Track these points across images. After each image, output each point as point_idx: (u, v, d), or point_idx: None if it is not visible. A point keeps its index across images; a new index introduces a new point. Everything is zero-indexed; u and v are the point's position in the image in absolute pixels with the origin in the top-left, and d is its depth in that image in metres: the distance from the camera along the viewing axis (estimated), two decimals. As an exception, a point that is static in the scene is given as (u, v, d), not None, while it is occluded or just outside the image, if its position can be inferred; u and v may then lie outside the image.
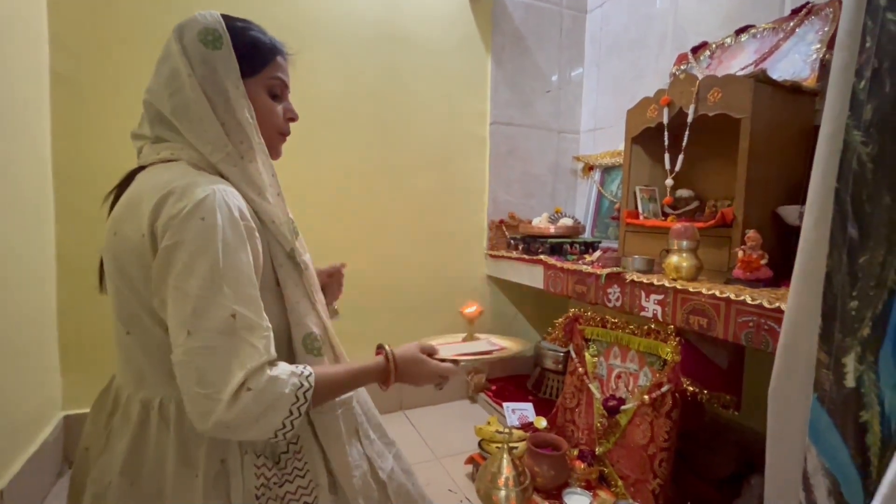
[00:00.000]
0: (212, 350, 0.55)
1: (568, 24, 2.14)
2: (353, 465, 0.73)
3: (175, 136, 0.66)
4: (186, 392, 0.56)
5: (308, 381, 0.61)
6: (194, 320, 0.55)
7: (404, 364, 0.74)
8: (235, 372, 0.56)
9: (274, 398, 0.58)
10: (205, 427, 0.56)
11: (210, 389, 0.55)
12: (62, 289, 1.43)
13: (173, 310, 0.57)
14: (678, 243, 1.12)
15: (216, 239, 0.57)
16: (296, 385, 0.60)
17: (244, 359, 0.57)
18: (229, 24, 0.67)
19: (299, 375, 0.61)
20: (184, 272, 0.56)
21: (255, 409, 0.56)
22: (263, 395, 0.57)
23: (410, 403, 1.97)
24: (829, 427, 0.58)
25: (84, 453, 0.69)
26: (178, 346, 0.56)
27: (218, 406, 0.54)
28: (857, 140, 0.53)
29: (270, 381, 0.58)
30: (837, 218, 0.56)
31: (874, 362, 0.52)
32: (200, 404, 0.55)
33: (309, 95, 1.68)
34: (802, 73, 1.20)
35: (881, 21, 0.49)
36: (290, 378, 0.60)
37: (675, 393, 1.13)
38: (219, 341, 0.56)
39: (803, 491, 0.63)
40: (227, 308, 0.57)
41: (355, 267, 1.78)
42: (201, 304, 0.56)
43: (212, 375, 0.55)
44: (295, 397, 0.59)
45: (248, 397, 0.56)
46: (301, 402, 0.60)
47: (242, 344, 0.57)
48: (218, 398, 0.54)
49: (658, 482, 1.13)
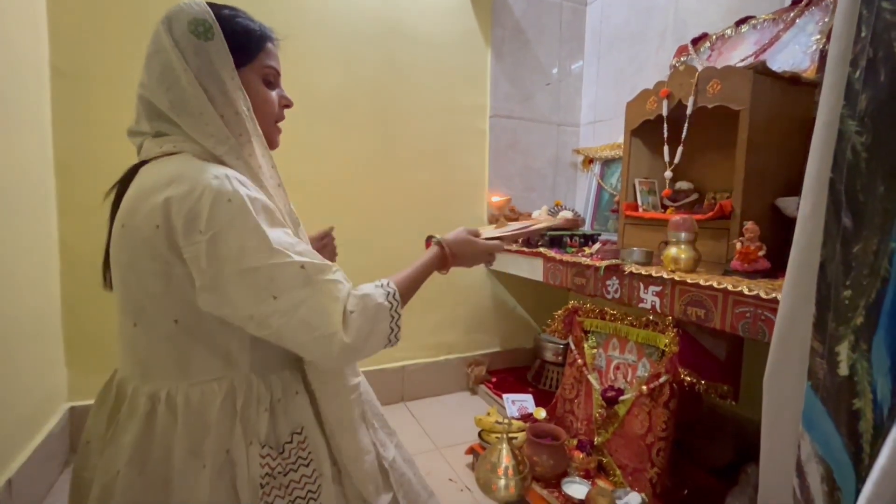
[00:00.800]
0: (304, 301, 0.60)
1: (568, 17, 2.12)
2: (364, 450, 0.74)
3: (176, 130, 0.65)
4: (303, 345, 0.61)
5: (390, 286, 0.69)
6: (274, 286, 0.59)
7: (457, 246, 0.82)
8: (332, 307, 0.62)
9: (375, 309, 0.65)
10: (332, 360, 0.62)
11: (318, 331, 0.60)
12: (66, 281, 1.44)
13: (247, 291, 0.59)
14: (677, 235, 1.12)
15: (250, 213, 0.59)
16: (384, 293, 0.67)
17: (333, 293, 0.63)
18: (217, 12, 0.65)
19: (382, 286, 0.68)
20: (240, 256, 0.58)
21: (366, 325, 0.63)
22: (366, 310, 0.64)
23: (411, 395, 1.99)
24: (823, 414, 0.59)
25: (85, 447, 0.69)
26: (272, 315, 0.59)
27: (335, 338, 0.61)
28: (851, 130, 0.53)
29: (364, 297, 0.65)
30: (832, 208, 0.57)
31: (867, 350, 0.52)
32: (320, 346, 0.61)
33: (309, 88, 1.68)
34: (802, 65, 1.19)
35: (876, 10, 0.49)
36: (376, 290, 0.67)
37: (673, 383, 1.14)
38: (305, 292, 0.61)
39: (797, 477, 0.64)
40: (293, 264, 0.61)
41: (355, 260, 1.79)
42: (272, 271, 0.59)
43: (314, 319, 0.60)
44: (389, 302, 0.67)
45: (355, 318, 0.63)
46: (395, 305, 0.67)
47: (323, 284, 0.62)
48: (331, 332, 0.60)
49: (656, 471, 1.14)
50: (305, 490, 0.69)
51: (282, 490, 0.67)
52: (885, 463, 0.46)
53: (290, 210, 0.73)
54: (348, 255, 1.74)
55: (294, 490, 0.68)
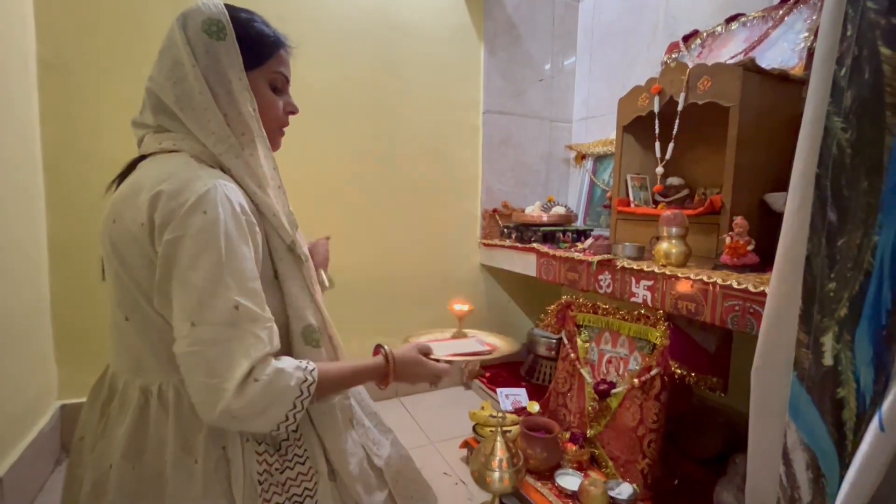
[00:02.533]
0: (217, 341, 0.56)
1: (560, 13, 2.13)
2: (349, 452, 0.74)
3: (178, 126, 0.66)
4: (192, 383, 0.57)
5: (312, 375, 0.63)
6: (199, 312, 0.56)
7: (402, 365, 0.77)
8: (241, 362, 0.56)
9: (280, 390, 0.59)
10: (211, 417, 0.56)
11: (216, 379, 0.55)
12: (55, 278, 1.43)
13: (178, 302, 0.57)
14: (668, 230, 1.14)
15: (219, 232, 0.58)
16: (300, 378, 0.61)
17: (249, 349, 0.57)
18: (233, 14, 0.66)
19: (304, 370, 0.62)
20: (188, 265, 0.57)
21: (261, 401, 0.57)
22: (270, 386, 0.58)
23: (406, 390, 1.99)
24: (808, 404, 0.61)
25: (79, 443, 0.69)
26: (182, 338, 0.56)
27: (225, 395, 0.55)
28: (837, 126, 0.54)
29: (277, 372, 0.59)
30: (818, 203, 0.58)
31: (850, 341, 0.54)
32: (207, 394, 0.56)
33: (302, 85, 1.65)
34: (790, 62, 1.21)
35: (861, 9, 0.50)
36: (295, 371, 0.61)
37: (664, 376, 1.16)
38: (223, 333, 0.56)
39: (783, 465, 0.66)
40: (230, 300, 0.57)
41: (349, 257, 1.80)
42: (206, 297, 0.56)
43: (218, 366, 0.56)
44: (299, 391, 0.60)
45: (256, 388, 0.56)
46: (305, 396, 0.61)
47: (246, 335, 0.58)
48: (224, 387, 0.55)
49: (647, 462, 1.17)
50: (302, 487, 0.69)
51: (279, 487, 0.67)
52: (867, 450, 0.47)
53: (289, 212, 0.73)
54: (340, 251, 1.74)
55: (291, 487, 0.68)
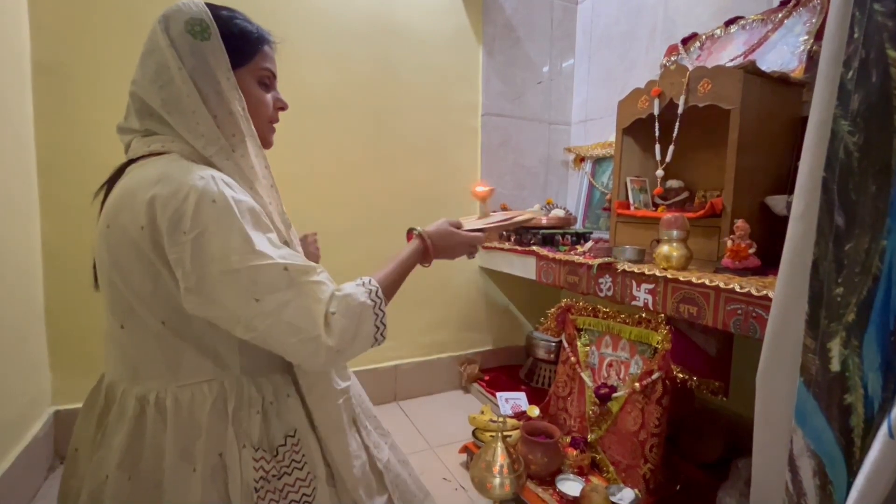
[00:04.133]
0: (286, 303, 0.59)
1: (559, 15, 2.13)
2: (353, 454, 0.73)
3: (166, 130, 0.65)
4: (286, 348, 0.60)
5: (372, 283, 0.68)
6: (256, 288, 0.58)
7: (438, 239, 0.81)
8: (315, 308, 0.61)
9: (358, 308, 0.64)
10: (319, 364, 0.61)
11: (304, 334, 0.59)
12: (49, 283, 1.41)
13: (230, 292, 0.58)
14: (668, 233, 1.13)
15: (235, 214, 0.59)
16: (366, 291, 0.66)
17: (316, 295, 0.62)
18: (214, 13, 0.65)
19: (364, 283, 0.67)
20: (223, 256, 0.57)
21: (350, 325, 0.62)
22: (349, 310, 0.63)
23: (404, 394, 1.98)
24: (815, 410, 0.60)
25: (74, 454, 0.68)
26: (255, 317, 0.58)
27: (320, 340, 0.60)
28: (844, 129, 0.54)
29: (346, 297, 0.64)
30: (825, 206, 0.58)
31: (858, 347, 0.53)
32: (304, 349, 0.60)
33: (301, 87, 1.66)
34: (790, 65, 1.21)
35: (868, 12, 0.50)
36: (358, 288, 0.66)
37: (666, 380, 1.16)
38: (288, 294, 0.60)
39: (789, 472, 0.65)
40: (276, 266, 0.60)
41: (346, 258, 1.78)
42: (254, 273, 0.58)
43: (299, 321, 0.59)
44: (372, 301, 0.65)
45: (339, 319, 0.61)
46: (379, 302, 0.66)
47: (307, 286, 0.61)
48: (315, 334, 0.60)
49: (649, 467, 1.16)
50: (300, 493, 0.68)
51: (276, 494, 0.66)
52: (876, 457, 0.47)
53: (282, 211, 0.72)
54: (339, 253, 1.73)
55: (289, 493, 0.67)
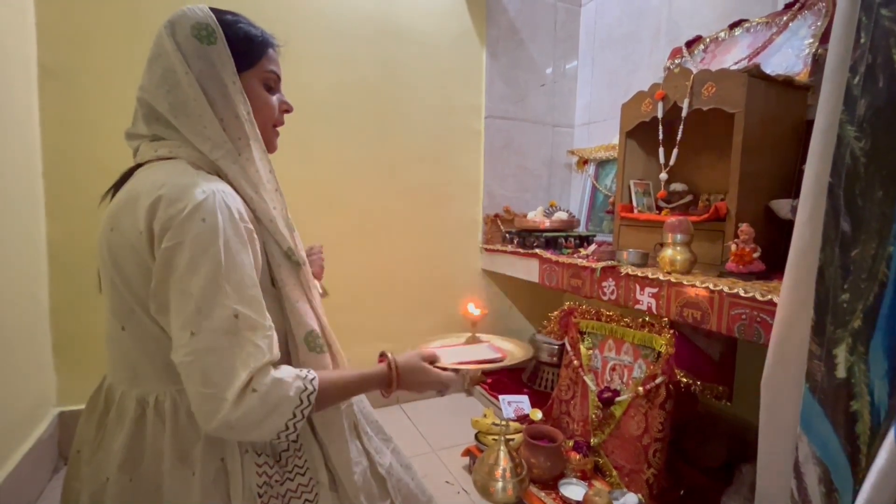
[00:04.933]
0: (215, 350, 0.55)
1: (562, 17, 2.13)
2: (353, 461, 0.73)
3: (173, 134, 0.65)
4: (191, 392, 0.56)
5: (312, 384, 0.61)
6: (198, 320, 0.55)
7: (406, 372, 0.75)
8: (240, 372, 0.56)
9: (278, 400, 0.58)
10: (209, 427, 0.55)
11: (214, 389, 0.55)
12: (54, 285, 1.41)
13: (176, 311, 0.56)
14: (672, 237, 1.13)
15: (218, 239, 0.57)
16: (300, 388, 0.60)
17: (248, 358, 0.57)
18: (219, 17, 0.66)
19: (303, 378, 0.61)
20: (186, 273, 0.56)
21: (260, 411, 0.56)
22: (268, 396, 0.57)
23: (407, 397, 1.98)
24: (821, 416, 0.59)
25: (76, 456, 0.68)
26: (181, 347, 0.56)
27: (223, 405, 0.54)
28: (850, 135, 0.53)
29: (275, 382, 0.58)
30: (831, 212, 0.57)
31: (864, 353, 0.53)
32: (206, 404, 0.55)
33: (303, 89, 1.67)
34: (795, 68, 1.21)
35: (875, 17, 0.50)
36: (294, 381, 0.60)
37: (669, 384, 1.15)
38: (222, 341, 0.56)
39: (794, 478, 0.65)
40: (229, 308, 0.56)
41: (350, 261, 1.79)
42: (204, 305, 0.56)
43: (216, 375, 0.55)
44: (299, 400, 0.59)
45: (254, 398, 0.56)
46: (305, 405, 0.60)
47: (246, 343, 0.57)
48: (223, 397, 0.54)
49: (652, 472, 1.15)
50: (303, 499, 0.68)
51: (279, 499, 0.66)
52: (883, 464, 0.46)
53: (287, 216, 0.72)
54: (341, 255, 1.74)
55: (291, 499, 0.67)
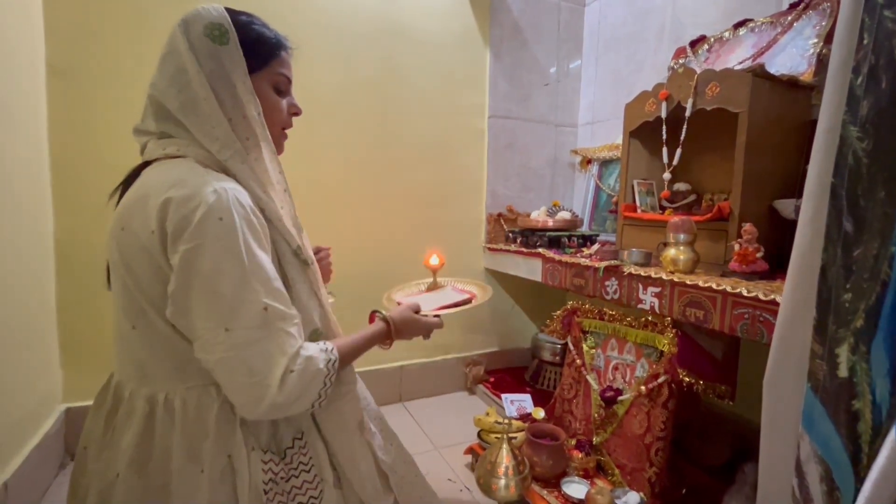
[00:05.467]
0: (253, 342, 0.60)
1: (566, 17, 2.13)
2: (358, 457, 0.74)
3: (182, 133, 0.66)
4: (234, 384, 0.60)
5: (333, 353, 0.69)
6: (231, 317, 0.59)
7: (401, 324, 0.86)
8: (278, 359, 0.62)
9: (313, 374, 0.65)
10: (257, 411, 0.61)
11: (258, 377, 0.60)
12: (61, 282, 1.43)
13: (206, 311, 0.58)
14: (675, 236, 1.13)
15: (237, 238, 0.59)
16: (326, 359, 0.67)
17: (283, 345, 0.62)
18: (233, 18, 0.67)
19: (326, 351, 0.69)
20: (212, 275, 0.58)
21: (299, 387, 0.63)
22: (305, 373, 0.63)
23: (409, 395, 1.99)
24: (822, 415, 0.60)
25: (83, 453, 0.69)
26: (217, 345, 0.59)
27: (269, 391, 0.60)
28: (853, 135, 0.54)
29: (307, 360, 0.64)
30: (833, 212, 0.57)
31: (867, 353, 0.53)
32: (252, 392, 0.60)
33: (307, 89, 1.66)
34: (800, 68, 1.20)
35: (878, 18, 0.50)
36: (320, 354, 0.67)
37: (672, 384, 1.15)
38: (258, 334, 0.60)
39: (796, 477, 0.65)
40: (259, 303, 0.60)
41: (353, 259, 1.79)
42: (236, 303, 0.59)
43: (258, 365, 0.60)
44: (327, 370, 0.67)
45: (293, 378, 0.62)
46: (332, 373, 0.68)
47: (279, 333, 0.62)
48: (268, 384, 0.60)
49: (654, 471, 1.15)
50: (308, 496, 0.69)
51: (284, 496, 0.67)
52: (884, 463, 0.47)
53: (295, 216, 0.73)
54: (345, 255, 1.74)
55: (296, 496, 0.68)
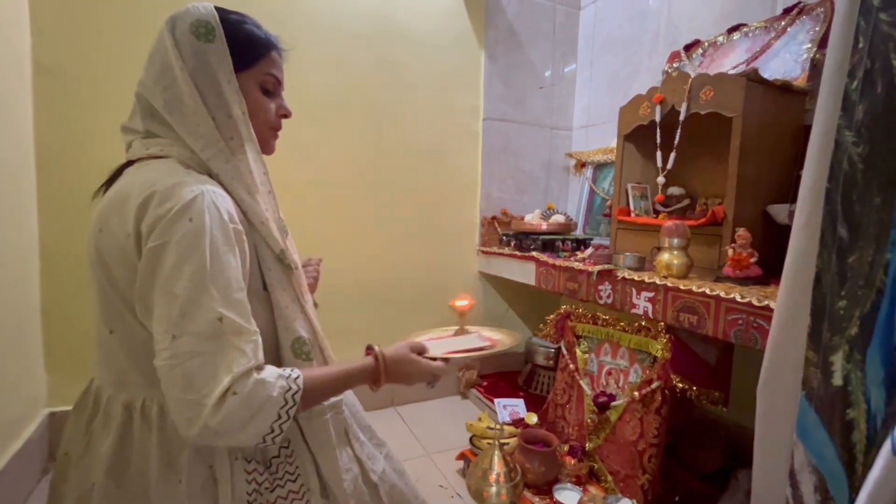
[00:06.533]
0: (198, 354, 0.54)
1: (561, 20, 2.13)
2: (343, 469, 0.72)
3: (166, 132, 0.65)
4: (171, 398, 0.54)
5: (296, 383, 0.60)
6: (181, 323, 0.54)
7: (394, 364, 0.74)
8: (222, 377, 0.54)
9: (261, 402, 0.56)
10: (190, 433, 0.54)
11: (196, 395, 0.53)
12: (46, 284, 1.40)
13: (159, 313, 0.55)
14: (669, 241, 1.12)
15: (204, 240, 0.56)
16: (284, 388, 0.58)
17: (231, 363, 0.55)
18: (223, 16, 0.65)
19: (287, 378, 0.60)
20: (171, 274, 0.55)
21: (242, 414, 0.55)
22: (250, 398, 0.55)
23: (402, 400, 1.97)
24: (817, 424, 0.59)
25: (63, 458, 0.67)
26: (162, 351, 0.54)
27: (203, 411, 0.53)
28: (848, 140, 0.53)
29: (257, 384, 0.56)
30: (828, 218, 0.57)
31: (861, 361, 0.52)
32: (186, 410, 0.53)
33: (301, 89, 1.66)
34: (793, 73, 1.20)
35: (874, 21, 0.49)
36: (277, 381, 0.58)
37: (665, 389, 1.14)
38: (205, 346, 0.54)
39: (790, 487, 0.64)
40: (214, 311, 0.55)
41: (346, 263, 1.78)
42: (188, 307, 0.54)
43: (198, 380, 0.53)
44: (283, 400, 0.58)
45: (234, 401, 0.54)
46: (290, 406, 0.58)
47: (229, 348, 0.56)
48: (204, 403, 0.53)
49: (647, 477, 1.14)
50: None
51: None
52: (879, 474, 0.46)
53: (279, 218, 0.71)
54: (338, 257, 1.73)
55: None
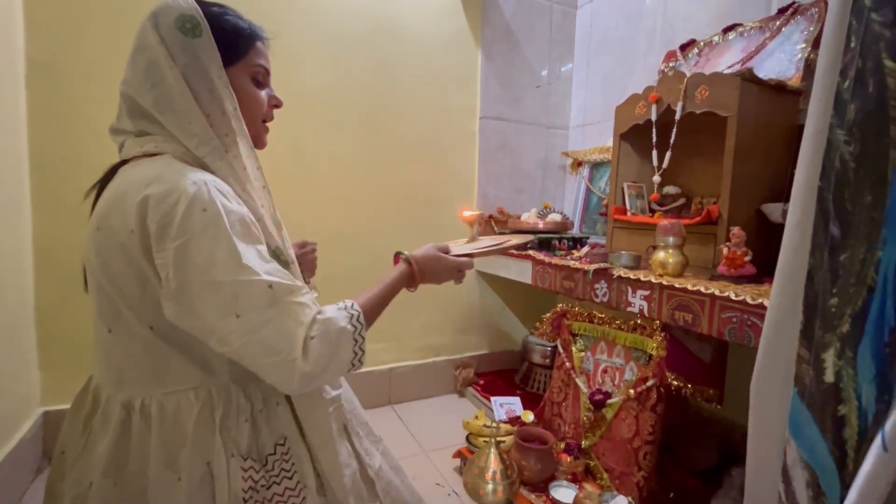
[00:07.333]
0: (267, 322, 0.58)
1: (558, 20, 2.13)
2: (343, 463, 0.72)
3: (158, 130, 0.64)
4: (261, 367, 0.58)
5: (354, 308, 0.66)
6: (237, 304, 0.57)
7: (425, 263, 0.79)
8: (295, 331, 0.59)
9: (337, 334, 0.62)
10: (293, 387, 0.59)
11: (280, 356, 0.58)
12: (40, 282, 1.39)
13: (208, 305, 0.56)
14: (665, 240, 1.13)
15: (224, 224, 0.57)
16: (347, 315, 0.64)
17: (298, 317, 0.60)
18: (205, 9, 0.64)
19: (346, 307, 0.66)
20: (207, 266, 0.56)
21: (326, 351, 0.60)
22: (327, 336, 0.61)
23: (398, 398, 1.97)
24: (809, 421, 0.59)
25: (60, 457, 0.67)
26: (231, 334, 0.57)
27: (295, 364, 0.58)
28: (840, 139, 0.53)
29: (326, 322, 0.62)
30: (820, 216, 0.57)
31: (853, 358, 0.53)
32: (279, 371, 0.58)
33: (298, 88, 1.65)
34: (788, 73, 1.21)
35: (866, 21, 0.50)
36: (339, 313, 0.64)
37: (660, 387, 1.15)
38: (269, 313, 0.58)
39: (783, 482, 0.65)
40: (261, 283, 0.58)
41: (343, 261, 1.77)
42: (237, 289, 0.57)
43: (277, 343, 0.58)
44: (352, 325, 0.64)
45: (316, 344, 0.60)
46: (359, 328, 0.65)
47: (290, 306, 0.60)
48: (291, 358, 0.58)
49: (642, 475, 1.15)
50: (289, 503, 0.67)
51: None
52: (870, 469, 0.46)
53: (274, 213, 0.71)
54: (335, 255, 1.73)
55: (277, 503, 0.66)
